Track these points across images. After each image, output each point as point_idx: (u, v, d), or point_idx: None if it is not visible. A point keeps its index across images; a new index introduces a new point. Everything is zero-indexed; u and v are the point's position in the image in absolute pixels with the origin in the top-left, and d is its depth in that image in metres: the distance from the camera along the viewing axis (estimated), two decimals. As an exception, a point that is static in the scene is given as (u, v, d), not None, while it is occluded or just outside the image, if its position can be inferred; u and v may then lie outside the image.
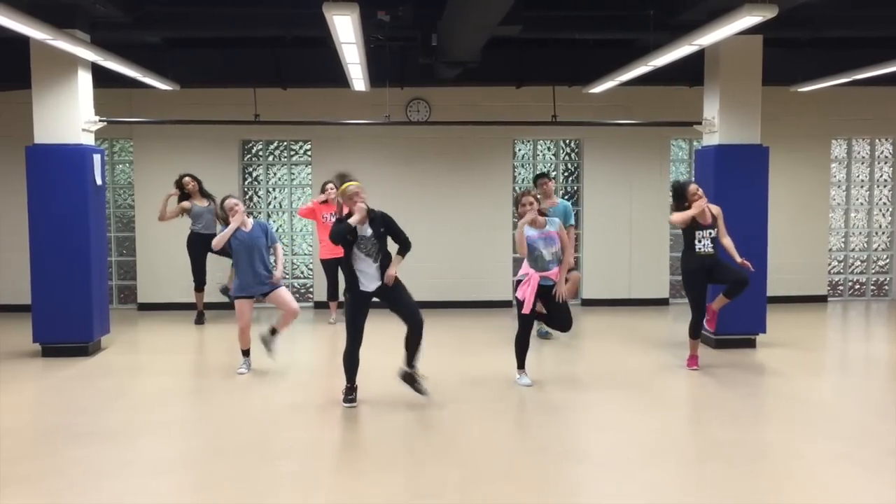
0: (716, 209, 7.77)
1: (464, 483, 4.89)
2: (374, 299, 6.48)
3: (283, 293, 7.62)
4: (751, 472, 5.07)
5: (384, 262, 6.45)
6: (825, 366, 8.45)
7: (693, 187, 7.67)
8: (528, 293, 6.87)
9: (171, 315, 10.91)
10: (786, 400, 6.81)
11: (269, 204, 11.98)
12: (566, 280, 7.09)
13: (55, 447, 5.54)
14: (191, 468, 5.21)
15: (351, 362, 6.51)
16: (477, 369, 7.82)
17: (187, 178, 10.28)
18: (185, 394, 7.18)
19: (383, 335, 6.84)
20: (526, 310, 6.90)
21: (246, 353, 7.71)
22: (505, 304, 11.78)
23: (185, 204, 10.24)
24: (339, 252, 9.82)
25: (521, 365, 7.19)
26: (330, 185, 9.97)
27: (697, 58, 8.49)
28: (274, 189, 12.01)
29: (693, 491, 4.85)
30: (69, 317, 8.23)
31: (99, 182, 8.51)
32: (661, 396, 6.95)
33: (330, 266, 10.21)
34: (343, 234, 6.37)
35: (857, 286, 12.60)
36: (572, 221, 8.88)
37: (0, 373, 7.76)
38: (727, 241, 7.72)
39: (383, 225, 6.47)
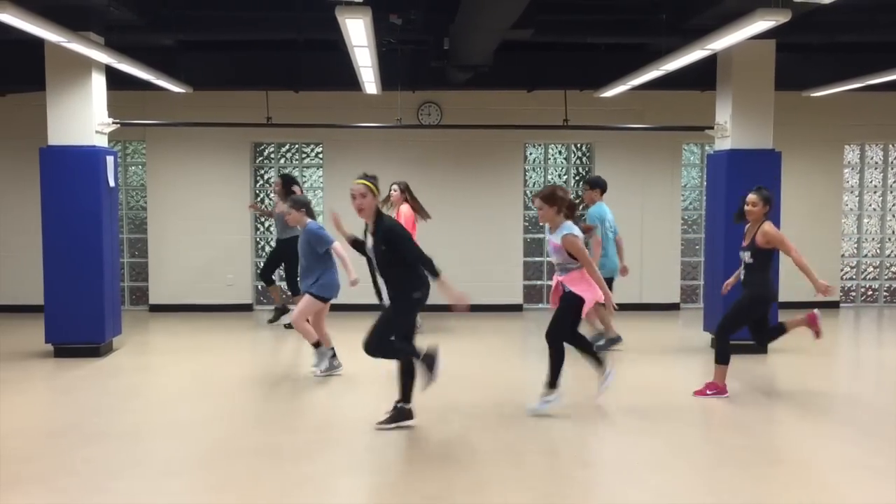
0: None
1: (473, 486, 4.88)
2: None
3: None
4: (762, 478, 5.04)
5: (389, 279, 5.88)
6: (837, 372, 8.40)
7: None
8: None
9: (182, 316, 10.95)
10: (797, 406, 6.77)
11: (281, 206, 12.02)
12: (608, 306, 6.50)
13: (67, 447, 5.57)
14: (202, 469, 5.22)
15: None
16: (487, 373, 7.82)
17: (276, 179, 10.14)
18: (196, 395, 7.19)
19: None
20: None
21: (317, 344, 7.47)
22: (515, 308, 11.78)
23: (266, 208, 10.18)
24: None
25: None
26: (394, 187, 9.76)
27: (710, 62, 8.49)
28: (285, 191, 12.04)
29: (704, 497, 4.82)
30: (81, 318, 8.27)
31: (112, 184, 8.56)
32: (671, 401, 6.92)
33: None
34: (352, 238, 6.20)
35: (870, 292, 12.53)
36: (594, 222, 8.67)
37: (12, 373, 7.81)
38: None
39: (384, 242, 5.76)
